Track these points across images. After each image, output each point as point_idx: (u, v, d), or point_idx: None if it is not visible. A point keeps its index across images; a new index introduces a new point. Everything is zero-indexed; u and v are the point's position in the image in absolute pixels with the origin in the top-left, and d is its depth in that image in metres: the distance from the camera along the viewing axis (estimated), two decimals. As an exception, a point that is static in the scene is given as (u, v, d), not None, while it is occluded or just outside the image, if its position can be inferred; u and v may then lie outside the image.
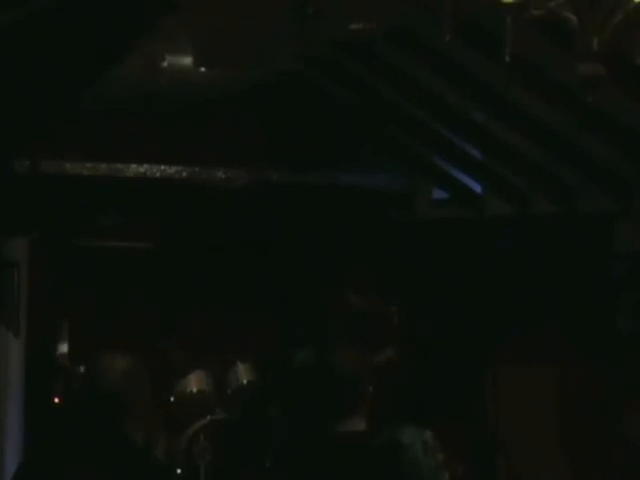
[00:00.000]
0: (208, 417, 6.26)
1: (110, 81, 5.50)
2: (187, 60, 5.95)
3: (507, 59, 3.20)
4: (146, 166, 7.08)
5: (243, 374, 6.53)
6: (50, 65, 4.79)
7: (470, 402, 6.96)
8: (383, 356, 6.62)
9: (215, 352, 6.72)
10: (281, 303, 7.17)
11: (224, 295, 7.09)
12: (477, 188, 7.16)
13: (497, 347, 6.89)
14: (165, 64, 5.92)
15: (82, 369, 6.30)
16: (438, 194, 7.47)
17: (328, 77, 6.45)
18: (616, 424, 6.22)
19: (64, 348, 6.69)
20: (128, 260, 7.02)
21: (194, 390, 6.38)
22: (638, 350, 6.17)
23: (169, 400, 6.35)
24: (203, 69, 6.04)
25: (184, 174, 7.14)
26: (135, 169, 7.05)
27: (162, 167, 7.11)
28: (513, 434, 6.75)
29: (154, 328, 6.86)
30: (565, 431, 6.64)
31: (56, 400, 6.50)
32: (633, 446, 6.04)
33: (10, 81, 4.82)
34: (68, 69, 4.93)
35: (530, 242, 6.85)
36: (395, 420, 3.57)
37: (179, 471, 6.07)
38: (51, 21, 4.49)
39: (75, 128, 6.37)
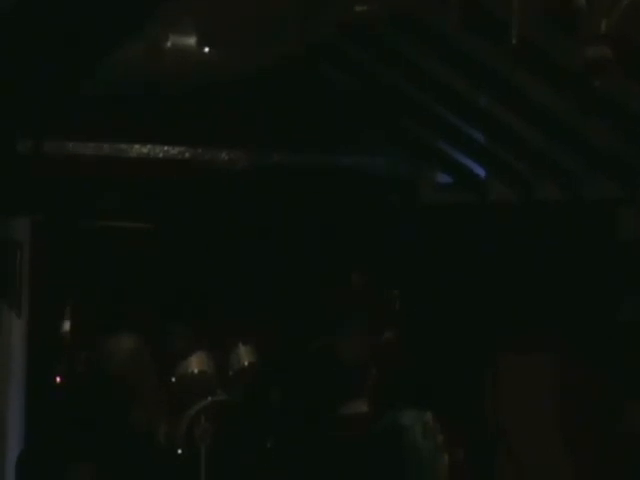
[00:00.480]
0: (209, 398, 6.25)
1: (114, 62, 5.48)
2: (191, 41, 5.93)
3: (514, 42, 3.19)
4: (149, 146, 7.07)
5: (244, 355, 6.53)
6: (53, 46, 4.78)
7: (470, 394, 6.96)
8: (383, 339, 6.62)
9: (216, 333, 6.72)
10: (282, 286, 7.17)
11: (225, 276, 7.09)
12: (481, 173, 7.15)
13: (498, 335, 6.89)
14: (169, 45, 5.90)
15: (84, 350, 6.30)
16: (442, 178, 7.45)
17: (331, 61, 6.43)
18: (617, 418, 6.21)
19: (66, 329, 6.68)
20: (130, 241, 7.01)
21: (195, 371, 6.37)
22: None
23: (170, 381, 6.34)
24: (207, 50, 6.02)
25: (187, 155, 7.13)
26: (138, 149, 7.04)
27: (165, 148, 7.10)
28: (513, 426, 6.75)
29: (156, 309, 6.86)
30: (566, 424, 6.64)
31: (58, 381, 6.50)
32: (634, 440, 6.03)
33: (13, 62, 4.81)
34: (71, 49, 4.92)
35: (533, 228, 6.84)
36: (396, 403, 3.57)
37: (180, 452, 6.08)
38: (53, 2, 4.48)
39: (78, 109, 6.35)
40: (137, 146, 7.04)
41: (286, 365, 6.38)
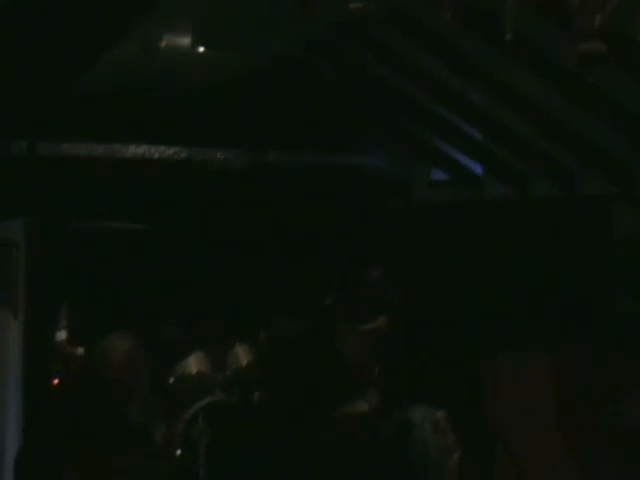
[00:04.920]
0: (207, 399, 6.25)
1: (108, 62, 5.47)
2: (186, 40, 5.92)
3: (508, 38, 3.18)
4: (144, 147, 7.07)
5: (242, 355, 6.52)
6: (46, 46, 4.77)
7: (470, 394, 6.95)
8: (383, 336, 6.62)
9: (214, 333, 6.72)
10: (280, 282, 7.17)
11: (222, 276, 7.09)
12: (477, 170, 7.15)
13: (497, 333, 6.89)
14: (163, 44, 5.90)
15: (81, 351, 6.30)
16: (438, 175, 7.46)
17: (326, 59, 6.42)
18: (617, 416, 6.20)
19: (63, 330, 6.68)
20: (126, 241, 7.00)
21: (193, 372, 6.37)
22: (638, 332, 6.16)
23: (168, 382, 6.34)
24: (201, 50, 6.01)
25: (183, 155, 7.13)
26: (133, 150, 7.03)
27: (161, 148, 7.09)
28: (513, 426, 6.74)
29: (153, 309, 6.85)
30: (566, 420, 6.63)
31: (55, 382, 6.49)
32: (634, 438, 6.02)
33: (6, 64, 4.80)
34: (65, 50, 4.91)
35: (530, 224, 6.85)
36: (400, 402, 3.54)
37: (178, 452, 6.07)
38: (47, 2, 4.47)
39: (72, 109, 6.34)
40: (132, 146, 7.03)
41: (285, 364, 6.37)
